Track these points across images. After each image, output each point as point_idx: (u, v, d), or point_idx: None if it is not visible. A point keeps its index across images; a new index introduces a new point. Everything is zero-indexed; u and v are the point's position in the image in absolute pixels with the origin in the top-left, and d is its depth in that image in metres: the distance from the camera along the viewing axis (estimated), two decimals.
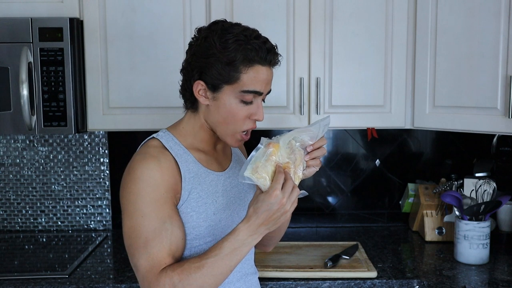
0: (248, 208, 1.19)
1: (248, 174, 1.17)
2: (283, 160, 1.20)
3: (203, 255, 1.20)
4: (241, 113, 1.28)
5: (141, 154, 1.28)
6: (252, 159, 1.19)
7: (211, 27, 1.28)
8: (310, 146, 1.24)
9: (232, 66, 1.24)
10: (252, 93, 1.27)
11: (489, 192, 1.97)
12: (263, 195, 1.16)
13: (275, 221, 1.17)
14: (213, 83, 1.26)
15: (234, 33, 1.24)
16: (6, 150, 2.34)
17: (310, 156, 1.25)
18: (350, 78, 2.02)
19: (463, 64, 1.88)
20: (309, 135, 1.23)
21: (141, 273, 1.21)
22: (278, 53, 1.29)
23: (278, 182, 1.15)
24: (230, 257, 1.18)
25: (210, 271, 1.17)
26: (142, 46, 1.97)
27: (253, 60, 1.24)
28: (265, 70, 1.27)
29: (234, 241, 1.18)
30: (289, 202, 1.16)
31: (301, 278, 1.79)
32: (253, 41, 1.24)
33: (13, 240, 2.27)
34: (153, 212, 1.22)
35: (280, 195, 1.14)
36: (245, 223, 1.18)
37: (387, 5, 1.99)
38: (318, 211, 2.46)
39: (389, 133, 2.40)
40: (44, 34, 1.88)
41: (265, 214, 1.16)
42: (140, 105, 2.00)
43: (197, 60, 1.27)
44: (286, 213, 1.17)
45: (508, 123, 1.79)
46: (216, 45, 1.23)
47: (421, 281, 1.78)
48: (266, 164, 1.18)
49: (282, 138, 1.22)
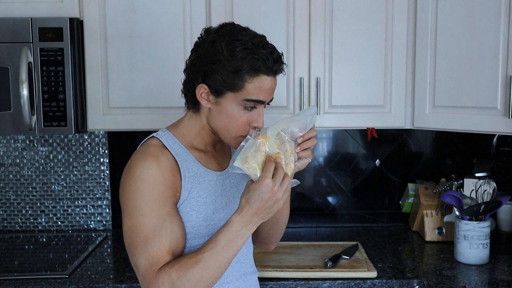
0: (240, 198, 1.20)
1: (238, 164, 1.18)
2: (273, 151, 1.21)
3: (199, 250, 1.20)
4: (242, 119, 1.28)
5: (141, 153, 1.28)
6: (242, 150, 1.20)
7: (219, 31, 1.26)
8: (300, 137, 1.25)
9: (237, 74, 1.23)
10: (254, 102, 1.27)
11: (489, 192, 1.97)
12: (254, 185, 1.17)
13: (268, 210, 1.18)
14: (216, 88, 1.26)
15: (243, 40, 1.22)
16: (6, 150, 2.34)
17: (301, 148, 1.25)
18: (350, 78, 2.02)
19: (463, 64, 1.88)
20: (298, 126, 1.24)
21: (140, 272, 1.21)
22: (284, 62, 1.29)
23: (269, 171, 1.16)
24: (226, 249, 1.18)
25: (207, 265, 1.18)
26: (142, 46, 1.97)
27: (259, 70, 1.24)
28: (270, 80, 1.27)
29: (229, 233, 1.18)
30: (281, 190, 1.17)
31: (301, 278, 1.79)
32: (261, 51, 1.23)
33: (13, 240, 2.27)
34: (153, 210, 1.22)
35: (271, 183, 1.15)
36: (238, 213, 1.18)
37: (387, 5, 1.99)
38: (318, 211, 2.46)
39: (389, 133, 2.40)
40: (44, 34, 1.88)
41: (257, 203, 1.16)
42: (140, 105, 2.00)
43: (202, 63, 1.26)
44: (278, 201, 1.18)
45: (508, 123, 1.79)
46: (224, 52, 1.22)
47: (421, 281, 1.78)
48: (256, 154, 1.19)
49: (269, 129, 1.23)
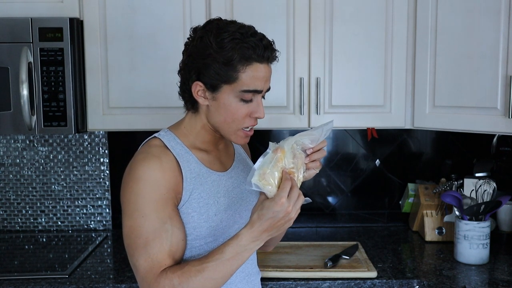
0: (252, 213, 1.18)
1: (256, 181, 1.16)
2: (289, 166, 1.19)
3: (204, 259, 1.19)
4: (241, 111, 1.27)
5: (143, 154, 1.27)
6: (260, 165, 1.17)
7: (206, 26, 1.26)
8: (310, 149, 1.23)
9: (229, 65, 1.22)
10: (251, 92, 1.26)
11: (489, 192, 1.97)
12: (268, 202, 1.14)
13: (279, 228, 1.16)
14: (211, 83, 1.25)
15: (230, 31, 1.22)
16: (6, 150, 2.34)
17: (310, 159, 1.23)
18: (350, 78, 2.02)
19: (463, 64, 1.88)
20: (310, 138, 1.22)
21: (140, 274, 1.20)
22: (275, 49, 1.28)
23: (285, 190, 1.14)
24: (232, 261, 1.17)
25: (210, 275, 1.17)
26: (142, 46, 1.97)
27: (251, 58, 1.23)
28: (263, 68, 1.26)
29: (236, 246, 1.17)
30: (294, 209, 1.15)
31: (301, 278, 1.79)
32: (250, 39, 1.22)
33: (13, 240, 2.27)
34: (154, 212, 1.21)
35: (286, 203, 1.13)
36: (249, 228, 1.17)
37: (387, 5, 1.99)
38: (318, 211, 2.46)
39: (389, 133, 2.40)
40: (44, 34, 1.88)
41: (270, 221, 1.14)
42: (140, 105, 2.00)
43: (193, 61, 1.26)
44: (290, 220, 1.16)
45: (508, 123, 1.79)
46: (212, 45, 1.22)
47: (421, 281, 1.78)
48: (273, 170, 1.16)
49: (286, 142, 1.20)
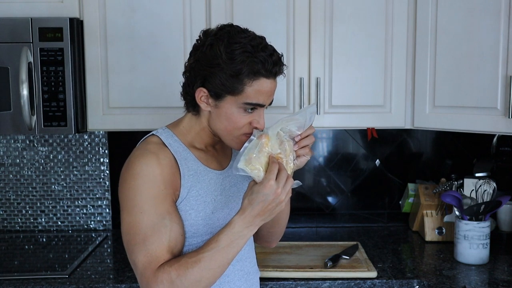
0: (243, 199, 1.19)
1: (242, 166, 1.18)
2: (275, 151, 1.21)
3: (199, 250, 1.20)
4: (242, 121, 1.28)
5: (141, 150, 1.28)
6: (245, 151, 1.20)
7: (217, 33, 1.25)
8: (298, 136, 1.25)
9: (237, 78, 1.22)
10: (254, 105, 1.26)
11: (489, 192, 1.97)
12: (257, 186, 1.17)
13: (270, 211, 1.18)
14: (216, 91, 1.25)
15: (241, 43, 1.21)
16: (6, 150, 2.34)
17: (299, 145, 1.25)
18: (350, 78, 2.02)
19: (463, 64, 1.88)
20: (296, 125, 1.24)
21: (139, 270, 1.21)
22: (283, 63, 1.28)
23: (272, 173, 1.16)
24: (227, 250, 1.19)
25: (207, 265, 1.18)
26: (142, 46, 1.97)
27: (259, 73, 1.23)
28: (270, 83, 1.26)
29: (230, 233, 1.18)
30: (284, 192, 1.17)
31: (301, 278, 1.79)
32: (260, 54, 1.22)
33: (13, 240, 2.27)
34: (152, 208, 1.22)
35: (274, 185, 1.15)
36: (240, 215, 1.18)
37: (387, 5, 1.99)
38: (318, 211, 2.46)
39: (389, 133, 2.40)
40: (44, 34, 1.88)
41: (261, 205, 1.16)
42: (140, 105, 2.00)
43: (201, 67, 1.25)
44: (281, 203, 1.18)
45: (508, 123, 1.79)
46: (222, 55, 1.21)
47: (421, 281, 1.78)
48: (259, 155, 1.18)
49: (270, 129, 1.23)
